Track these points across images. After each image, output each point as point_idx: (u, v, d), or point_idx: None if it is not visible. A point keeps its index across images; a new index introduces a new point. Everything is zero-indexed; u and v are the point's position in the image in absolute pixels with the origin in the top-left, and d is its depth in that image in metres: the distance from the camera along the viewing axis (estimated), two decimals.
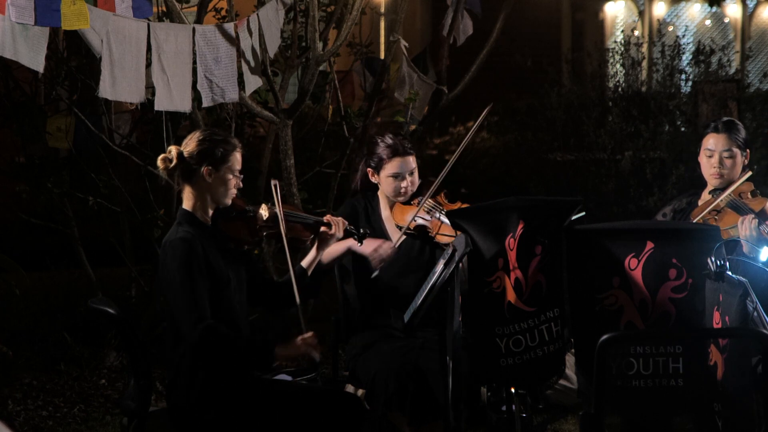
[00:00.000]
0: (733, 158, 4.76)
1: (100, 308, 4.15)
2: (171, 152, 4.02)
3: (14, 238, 7.39)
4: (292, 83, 6.62)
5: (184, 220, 4.04)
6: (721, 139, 4.76)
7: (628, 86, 8.84)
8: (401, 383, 4.34)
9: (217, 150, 4.03)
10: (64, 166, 6.70)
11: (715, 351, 3.71)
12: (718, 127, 4.79)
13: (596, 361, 3.42)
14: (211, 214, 4.09)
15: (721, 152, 4.75)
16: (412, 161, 4.75)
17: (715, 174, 4.75)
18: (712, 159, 4.77)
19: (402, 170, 4.72)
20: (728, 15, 14.90)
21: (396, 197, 4.76)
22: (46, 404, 5.75)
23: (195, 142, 4.04)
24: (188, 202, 4.07)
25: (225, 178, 4.04)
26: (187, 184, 4.05)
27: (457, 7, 7.04)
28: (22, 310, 6.65)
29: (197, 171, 4.01)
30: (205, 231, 4.04)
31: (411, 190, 4.75)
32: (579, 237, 3.89)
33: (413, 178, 4.75)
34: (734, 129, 4.79)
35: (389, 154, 4.71)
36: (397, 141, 4.75)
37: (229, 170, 4.05)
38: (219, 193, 4.06)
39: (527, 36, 11.28)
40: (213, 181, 4.03)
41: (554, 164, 8.97)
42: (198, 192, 4.05)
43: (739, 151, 4.77)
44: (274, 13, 5.79)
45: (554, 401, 5.44)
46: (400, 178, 4.72)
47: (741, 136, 4.79)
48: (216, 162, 4.02)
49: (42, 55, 4.90)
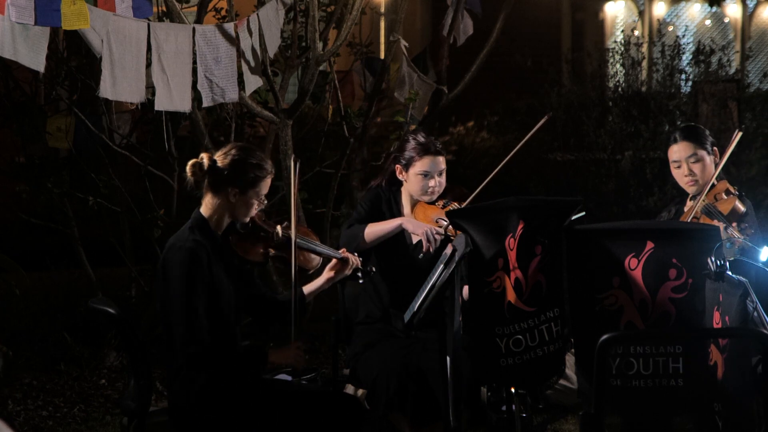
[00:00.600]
0: (700, 161, 4.78)
1: (100, 308, 4.15)
2: (203, 159, 3.99)
3: (14, 238, 7.39)
4: (292, 83, 6.62)
5: (197, 225, 4.01)
6: (683, 147, 4.81)
7: (628, 86, 8.84)
8: (402, 384, 4.34)
9: (249, 173, 4.00)
10: (64, 166, 6.70)
11: (715, 351, 3.71)
12: (676, 137, 4.85)
13: (596, 361, 3.42)
14: (225, 227, 4.07)
15: (687, 159, 4.80)
16: (442, 162, 4.74)
17: (689, 182, 4.81)
18: (680, 169, 4.83)
19: (432, 169, 4.71)
20: (728, 15, 14.90)
21: (422, 196, 4.74)
22: (46, 404, 5.75)
23: (230, 159, 4.00)
24: (207, 209, 4.04)
25: (249, 202, 4.03)
26: (211, 193, 4.02)
27: (457, 7, 7.04)
28: (22, 310, 6.65)
29: (225, 186, 3.98)
30: (215, 242, 4.02)
31: (438, 190, 4.74)
32: (579, 237, 3.89)
33: (441, 178, 4.75)
34: (692, 133, 4.82)
35: (420, 151, 4.70)
36: (429, 140, 4.75)
37: (255, 194, 4.03)
38: (239, 213, 4.04)
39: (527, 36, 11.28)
40: (236, 201, 4.01)
41: (554, 164, 8.97)
42: (219, 205, 4.02)
43: (704, 153, 4.79)
44: (274, 13, 5.79)
45: (554, 401, 5.44)
46: (429, 177, 4.71)
47: (703, 138, 4.81)
48: (245, 185, 3.99)
49: (42, 55, 4.90)
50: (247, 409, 3.94)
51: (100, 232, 6.93)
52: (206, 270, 3.91)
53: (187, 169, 4.02)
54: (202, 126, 6.17)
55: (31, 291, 6.89)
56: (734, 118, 8.35)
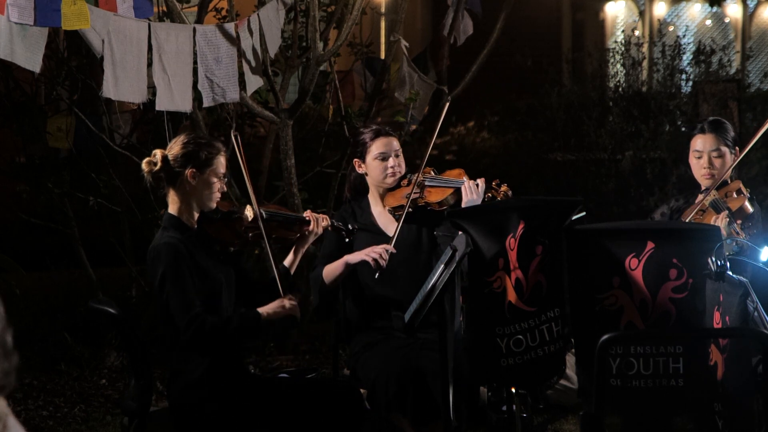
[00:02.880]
0: (722, 157, 4.75)
1: (100, 308, 4.15)
2: (156, 155, 4.02)
3: (14, 238, 7.39)
4: (293, 83, 6.63)
5: (169, 224, 4.04)
6: (708, 140, 4.76)
7: (628, 86, 8.85)
8: (402, 384, 4.34)
9: (201, 153, 4.02)
10: (65, 166, 6.70)
11: (715, 351, 3.71)
12: (704, 128, 4.78)
13: (596, 361, 3.42)
14: (196, 218, 4.09)
15: (710, 152, 4.75)
16: (395, 143, 4.75)
17: (705, 174, 4.76)
18: (701, 160, 4.77)
19: (387, 149, 4.71)
20: (729, 15, 14.91)
21: (384, 180, 4.73)
22: (46, 404, 5.75)
23: (179, 146, 4.04)
24: (173, 206, 4.06)
25: (209, 181, 4.03)
26: (172, 188, 4.05)
27: (457, 7, 7.04)
28: (22, 310, 6.65)
29: (181, 174, 4.00)
30: (191, 235, 4.03)
31: (399, 171, 4.74)
32: (579, 237, 3.89)
33: (399, 159, 4.75)
34: (721, 128, 4.78)
35: (372, 136, 4.72)
36: (378, 125, 4.80)
37: (213, 173, 4.04)
38: (203, 196, 4.05)
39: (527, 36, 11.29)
40: (197, 183, 4.02)
41: (554, 164, 8.98)
42: (182, 196, 4.04)
43: (727, 150, 4.76)
44: (275, 13, 5.79)
45: (554, 401, 5.44)
46: (385, 158, 4.71)
47: (729, 135, 4.78)
48: (200, 164, 4.01)
49: (39, 55, 4.90)
50: (247, 404, 3.94)
51: (101, 232, 6.93)
52: (189, 260, 3.93)
53: (142, 167, 4.04)
54: (202, 126, 6.17)
55: (32, 291, 6.90)
56: (735, 118, 8.35)
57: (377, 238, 4.68)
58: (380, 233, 4.71)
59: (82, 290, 6.76)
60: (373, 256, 4.52)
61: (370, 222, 4.76)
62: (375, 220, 4.77)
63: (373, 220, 4.77)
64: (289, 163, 6.18)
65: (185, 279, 3.90)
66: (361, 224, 4.73)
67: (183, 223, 4.04)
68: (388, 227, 4.73)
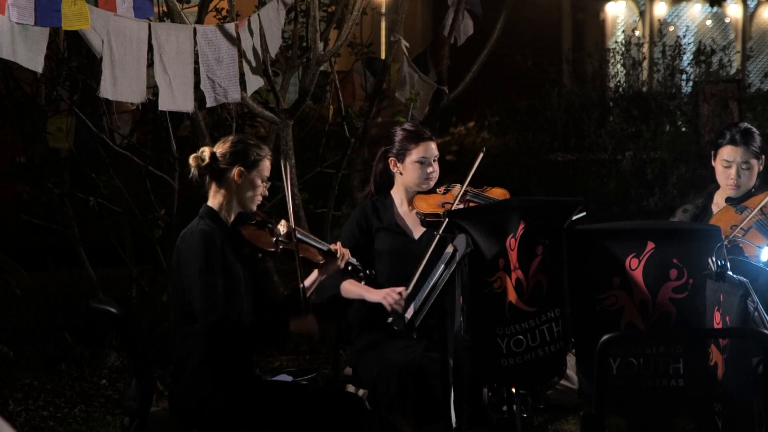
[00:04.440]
0: (750, 169, 4.69)
1: (100, 308, 4.15)
2: (204, 152, 4.09)
3: (15, 238, 7.40)
4: (293, 83, 6.63)
5: (206, 215, 4.09)
6: (739, 152, 4.67)
7: (628, 86, 8.85)
8: (402, 384, 4.33)
9: (251, 153, 4.10)
10: (65, 167, 6.70)
11: (715, 351, 3.71)
12: (736, 140, 4.68)
13: (597, 362, 3.42)
14: (233, 217, 4.13)
15: (740, 164, 4.68)
16: (435, 147, 4.70)
17: (732, 185, 4.68)
18: (729, 170, 4.68)
19: (428, 155, 4.66)
20: (729, 15, 14.91)
21: (422, 185, 4.67)
22: (47, 404, 5.75)
23: (228, 144, 4.11)
24: (214, 200, 4.11)
25: (254, 182, 4.10)
26: (216, 184, 4.10)
27: (457, 8, 7.05)
28: (22, 310, 6.65)
29: (228, 171, 4.07)
30: (225, 230, 4.09)
31: (436, 176, 4.70)
32: (580, 237, 3.89)
33: (436, 164, 4.70)
34: (752, 140, 4.70)
35: (414, 138, 4.65)
36: (419, 127, 4.72)
37: (258, 175, 4.11)
38: (246, 196, 4.11)
39: (528, 36, 11.30)
40: (242, 182, 4.08)
41: (555, 164, 8.98)
42: (226, 192, 4.10)
43: (756, 161, 4.71)
44: (275, 13, 5.79)
45: (555, 401, 5.43)
46: (426, 164, 4.67)
47: (757, 145, 4.71)
48: (248, 165, 4.08)
49: (41, 55, 4.90)
50: (249, 408, 3.94)
51: (101, 232, 6.94)
52: (220, 252, 3.98)
53: (190, 162, 4.10)
54: (202, 126, 6.17)
55: (32, 291, 6.89)
56: (735, 118, 8.35)
57: (399, 239, 4.64)
58: (402, 233, 4.66)
59: (82, 290, 6.76)
60: (390, 302, 4.45)
61: (394, 222, 4.70)
62: (400, 220, 4.72)
63: (397, 220, 4.72)
64: (290, 163, 6.18)
65: (214, 272, 3.94)
66: (384, 224, 4.70)
67: (220, 217, 4.09)
68: (412, 229, 4.69)
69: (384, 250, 4.64)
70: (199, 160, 4.08)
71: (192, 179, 4.16)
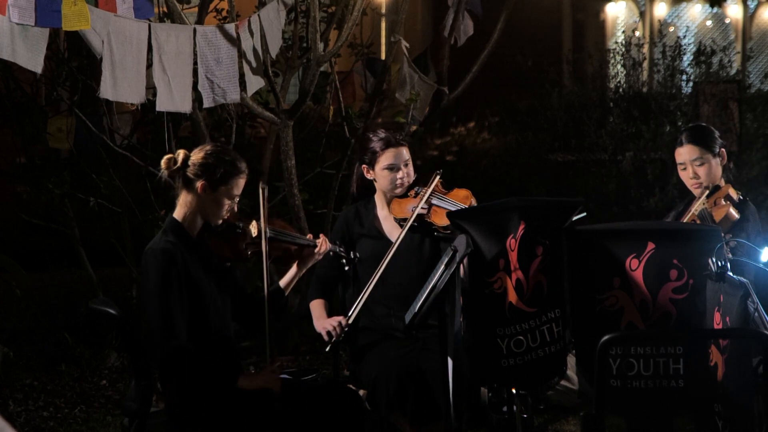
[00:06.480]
0: (706, 164, 4.73)
1: (100, 309, 4.15)
2: (178, 155, 3.98)
3: (15, 238, 7.40)
4: (293, 84, 6.63)
5: (170, 228, 3.99)
6: (687, 150, 4.75)
7: (629, 87, 8.85)
8: (402, 385, 4.34)
9: (218, 169, 3.96)
10: (65, 167, 6.71)
11: (715, 352, 3.71)
12: (681, 140, 4.79)
13: (597, 362, 3.42)
14: (199, 227, 4.04)
15: (692, 162, 4.74)
16: (405, 152, 4.74)
17: (694, 184, 4.75)
18: (686, 171, 4.77)
19: (396, 161, 4.71)
20: (729, 16, 14.90)
21: (393, 190, 4.74)
22: (47, 405, 5.75)
23: (202, 154, 3.99)
24: (180, 210, 4.02)
25: (219, 200, 3.98)
26: (185, 191, 4.01)
27: (458, 8, 7.05)
28: (22, 310, 6.66)
29: (194, 182, 3.97)
30: (189, 242, 3.99)
31: (407, 181, 4.74)
32: (580, 238, 3.89)
33: (408, 169, 4.75)
34: (698, 136, 4.76)
35: (382, 146, 4.70)
36: (388, 134, 4.76)
37: (225, 193, 3.98)
38: (209, 211, 4.00)
39: (528, 36, 11.29)
40: (205, 198, 3.96)
41: (555, 165, 8.98)
42: (190, 204, 3.99)
43: (710, 156, 4.73)
44: (275, 13, 5.79)
45: (555, 402, 5.44)
46: (395, 170, 4.71)
47: (708, 140, 4.75)
48: (214, 181, 3.95)
49: (41, 56, 4.89)
50: (248, 409, 3.94)
51: (101, 232, 6.94)
52: (182, 270, 3.88)
53: (161, 162, 4.00)
54: (203, 127, 6.17)
55: (32, 291, 6.90)
56: (735, 118, 8.35)
57: (380, 243, 4.69)
58: (382, 238, 4.71)
59: (82, 290, 6.76)
60: (328, 329, 4.50)
61: (374, 226, 4.76)
62: (379, 225, 4.76)
63: (377, 224, 4.77)
64: (290, 164, 6.18)
65: (172, 295, 3.83)
66: (365, 229, 4.73)
67: (184, 229, 3.99)
68: (391, 232, 4.73)
69: (365, 255, 4.69)
70: (171, 162, 3.97)
71: (162, 180, 4.04)
